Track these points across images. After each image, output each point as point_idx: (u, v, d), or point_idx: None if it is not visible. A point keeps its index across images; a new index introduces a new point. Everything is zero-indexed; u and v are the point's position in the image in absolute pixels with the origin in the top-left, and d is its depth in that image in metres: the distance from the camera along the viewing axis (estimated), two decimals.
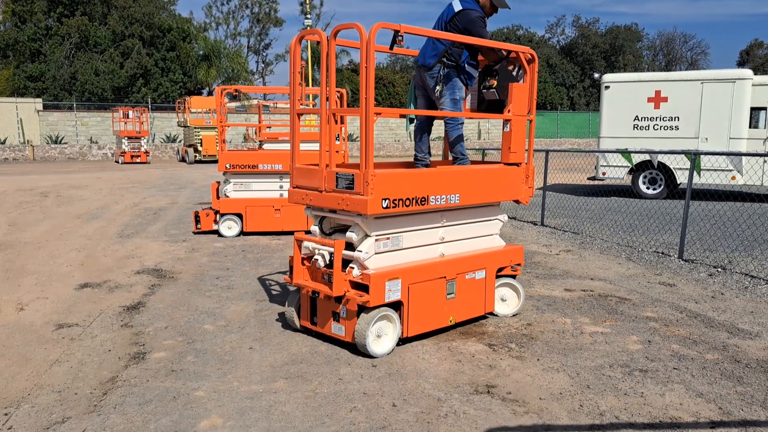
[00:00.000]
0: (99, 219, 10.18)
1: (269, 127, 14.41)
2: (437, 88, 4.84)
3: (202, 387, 3.60)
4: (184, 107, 26.30)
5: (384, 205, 3.93)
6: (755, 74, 12.96)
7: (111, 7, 39.54)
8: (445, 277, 4.41)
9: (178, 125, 28.91)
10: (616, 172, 13.43)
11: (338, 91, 9.50)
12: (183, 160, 26.95)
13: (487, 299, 4.77)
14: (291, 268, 4.45)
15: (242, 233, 8.59)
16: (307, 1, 33.86)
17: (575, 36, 59.82)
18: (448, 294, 4.44)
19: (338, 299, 4.12)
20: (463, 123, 5.03)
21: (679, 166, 12.52)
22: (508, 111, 4.70)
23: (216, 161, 21.15)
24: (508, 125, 4.71)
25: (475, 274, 4.64)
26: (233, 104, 25.16)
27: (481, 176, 4.64)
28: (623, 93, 13.44)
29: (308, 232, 4.47)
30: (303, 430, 3.10)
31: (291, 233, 8.65)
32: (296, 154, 4.52)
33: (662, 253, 7.44)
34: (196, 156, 25.46)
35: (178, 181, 17.20)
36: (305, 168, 4.39)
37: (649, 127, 13.20)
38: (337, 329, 4.19)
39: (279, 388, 3.60)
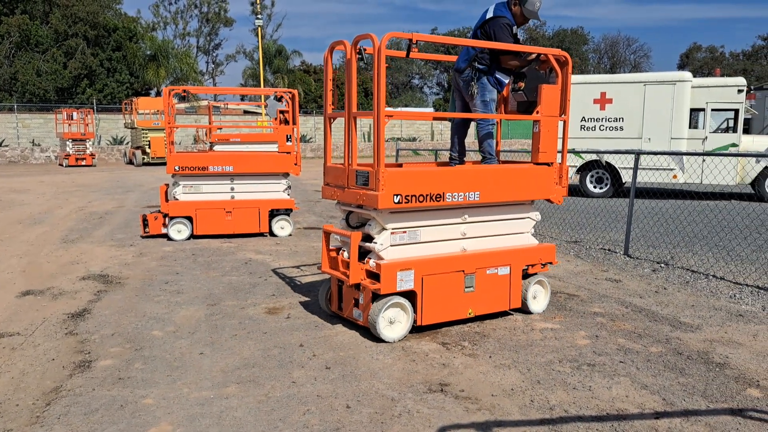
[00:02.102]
0: (42, 224, 9.81)
1: (220, 129, 14.19)
2: (469, 90, 5.05)
3: (150, 394, 3.51)
4: (131, 108, 25.64)
5: (396, 201, 4.20)
6: (694, 77, 13.49)
7: (53, 5, 38.20)
8: (463, 271, 4.61)
9: (125, 127, 28.15)
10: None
11: (290, 92, 9.44)
12: (131, 162, 26.26)
13: (512, 295, 4.90)
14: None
15: (192, 236, 8.42)
16: (258, 1, 33.49)
17: (523, 39, 60.96)
18: (466, 287, 4.63)
19: (357, 287, 4.50)
20: (494, 124, 5.24)
21: (624, 165, 12.91)
22: (537, 112, 4.81)
23: (165, 163, 20.72)
24: (538, 126, 4.82)
25: (498, 269, 4.80)
26: (182, 105, 24.70)
27: (504, 175, 4.78)
28: (573, 94, 13.76)
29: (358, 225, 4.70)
30: None
31: (242, 236, 8.55)
32: (328, 154, 4.83)
33: (609, 249, 7.66)
34: (144, 158, 24.86)
35: (126, 184, 16.75)
36: (334, 167, 4.70)
37: (595, 127, 13.57)
38: (357, 314, 4.56)
39: (231, 393, 3.55)
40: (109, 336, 4.51)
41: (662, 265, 6.82)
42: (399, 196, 4.22)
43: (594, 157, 13.38)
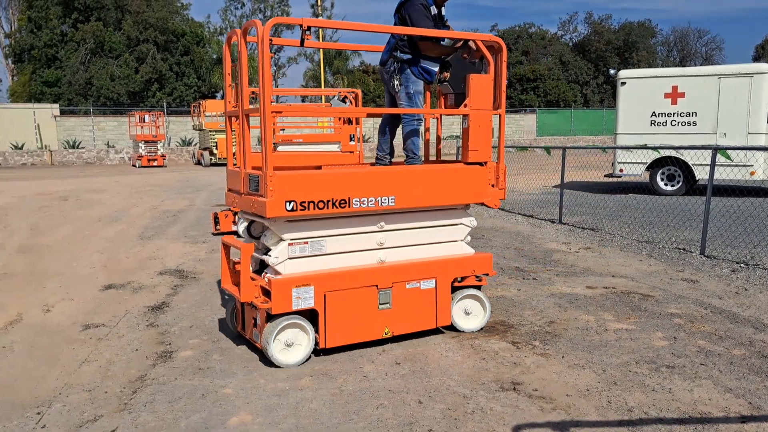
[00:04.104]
0: (119, 222, 10.28)
1: (282, 129, 14.48)
2: (392, 83, 4.58)
3: (229, 385, 3.63)
4: (199, 111, 26.48)
5: (289, 208, 3.70)
6: None
7: (125, 12, 39.92)
8: (376, 286, 4.09)
9: (194, 129, 29.12)
10: (634, 168, 13.34)
11: (353, 92, 9.54)
12: (199, 163, 27.15)
13: (440, 312, 4.36)
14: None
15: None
16: (319, 3, 34.00)
17: (588, 33, 59.47)
18: (381, 304, 4.12)
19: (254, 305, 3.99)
20: (420, 119, 4.69)
21: (699, 161, 12.40)
22: (465, 105, 4.31)
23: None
24: (467, 121, 4.34)
25: (420, 283, 4.25)
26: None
27: (425, 177, 4.20)
28: (640, 89, 13.34)
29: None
30: (331, 427, 3.12)
31: None
32: (229, 157, 4.43)
33: (683, 249, 7.38)
34: (211, 159, 25.63)
35: (195, 184, 17.33)
36: (233, 170, 4.22)
37: (666, 123, 13.09)
38: (255, 335, 4.05)
39: (305, 385, 3.62)
40: (188, 328, 4.69)
41: (742, 265, 6.52)
42: (293, 203, 3.71)
43: (664, 153, 12.91)
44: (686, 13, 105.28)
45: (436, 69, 4.62)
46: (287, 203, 3.71)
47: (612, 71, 15.48)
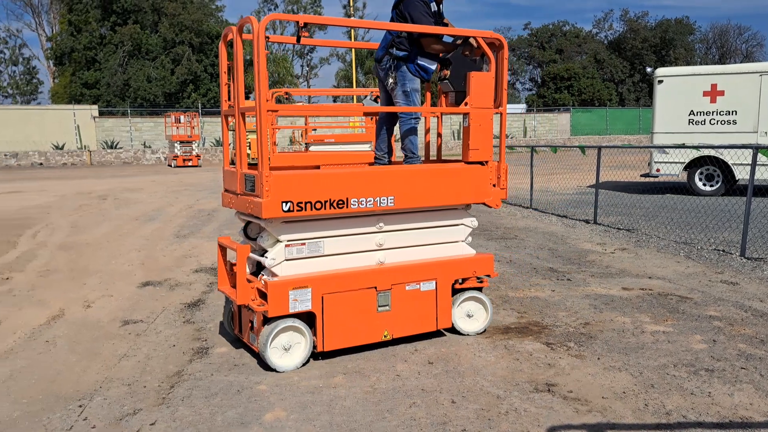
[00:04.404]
0: (156, 220, 10.49)
1: (314, 130, 14.60)
2: (388, 81, 4.49)
3: (264, 381, 3.68)
4: None
5: (285, 209, 3.64)
6: None
7: (162, 15, 40.69)
8: (375, 288, 4.03)
9: (229, 129, 29.50)
10: (671, 168, 13.07)
11: None
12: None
13: (440, 314, 4.29)
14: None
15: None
16: (351, 3, 34.15)
17: (624, 30, 58.48)
18: (380, 306, 4.05)
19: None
20: (417, 118, 4.59)
21: (739, 161, 12.09)
22: (466, 104, 4.23)
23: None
24: (467, 119, 4.25)
25: (420, 285, 4.18)
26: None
27: (425, 177, 4.13)
28: (677, 87, 13.07)
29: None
30: (365, 425, 3.13)
31: None
32: (226, 157, 4.37)
33: (723, 251, 7.21)
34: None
35: None
36: (229, 170, 4.19)
37: (705, 121, 12.79)
38: (252, 339, 3.99)
39: (338, 383, 3.65)
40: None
41: None
42: (289, 204, 3.64)
43: (702, 153, 12.62)
44: (725, 10, 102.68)
45: (434, 67, 4.54)
46: (284, 204, 3.64)
47: (649, 69, 15.18)
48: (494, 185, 4.38)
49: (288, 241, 3.82)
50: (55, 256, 7.55)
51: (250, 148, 22.28)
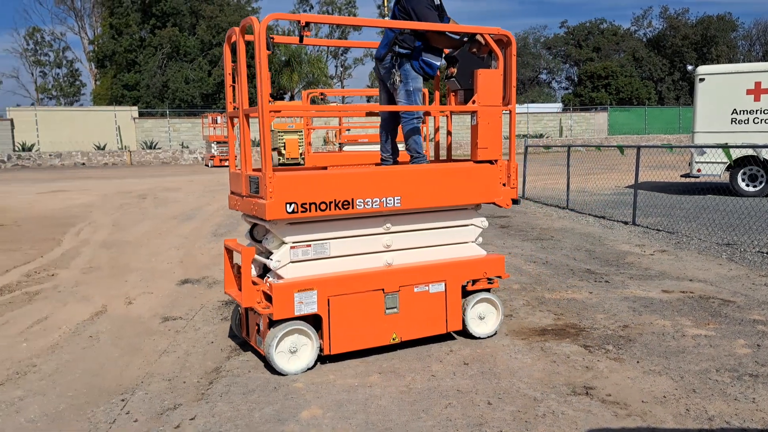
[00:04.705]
0: (193, 219, 10.69)
1: (348, 130, 14.68)
2: (391, 79, 4.41)
3: (300, 379, 3.72)
4: None
5: (290, 210, 3.60)
6: None
7: (199, 17, 41.42)
8: (382, 290, 3.96)
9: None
10: (713, 168, 12.73)
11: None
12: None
13: (450, 316, 4.21)
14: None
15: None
16: (385, 3, 34.20)
17: (663, 28, 57.25)
18: (387, 308, 3.98)
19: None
20: (419, 117, 4.50)
21: None
22: (473, 102, 4.15)
23: (298, 164, 21.69)
24: (475, 117, 4.17)
25: (429, 287, 4.11)
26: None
27: (432, 177, 4.06)
28: (720, 85, 12.73)
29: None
30: (400, 424, 3.14)
31: None
32: (232, 160, 4.36)
33: (767, 253, 7.00)
34: (279, 159, 26.22)
35: None
36: (235, 173, 4.16)
37: (748, 120, 12.43)
38: (258, 341, 3.95)
39: (374, 382, 3.67)
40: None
41: None
42: (293, 205, 3.60)
43: (746, 152, 12.26)
44: None
45: (438, 63, 4.48)
46: (287, 205, 3.60)
47: (690, 67, 14.84)
48: (504, 184, 4.30)
49: (293, 242, 3.78)
50: (97, 254, 7.76)
51: (285, 148, 22.41)
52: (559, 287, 5.75)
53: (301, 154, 23.50)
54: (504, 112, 4.28)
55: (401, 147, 4.72)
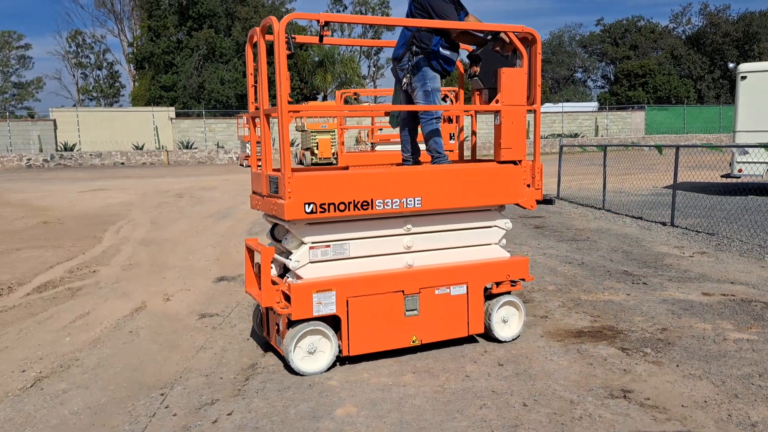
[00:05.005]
0: (229, 218, 10.84)
1: (380, 129, 14.70)
2: (408, 80, 4.37)
3: (334, 377, 3.75)
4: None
5: (308, 210, 3.59)
6: None
7: (235, 19, 41.97)
8: (402, 291, 3.92)
9: (296, 129, 30.12)
10: (755, 168, 12.39)
11: (453, 91, 9.49)
12: (300, 163, 28.02)
13: (472, 319, 4.15)
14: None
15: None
16: None
17: (703, 25, 55.91)
18: (407, 311, 3.94)
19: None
20: (439, 117, 4.47)
21: None
22: (497, 101, 4.08)
23: (331, 164, 21.82)
24: (499, 117, 4.10)
25: (450, 289, 4.05)
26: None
27: (454, 177, 4.00)
28: (762, 83, 12.38)
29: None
30: (434, 424, 3.14)
31: None
32: (253, 160, 4.40)
33: None
34: (312, 159, 26.41)
35: None
36: (257, 173, 4.20)
37: None
38: (278, 341, 3.95)
39: (408, 381, 3.67)
40: None
41: None
42: (312, 205, 3.59)
43: None
44: None
45: (456, 57, 4.46)
46: (306, 205, 3.59)
47: (731, 65, 14.48)
48: (528, 185, 4.23)
49: (312, 243, 3.76)
50: (136, 251, 7.93)
51: (317, 148, 22.62)
52: (596, 289, 5.67)
53: (334, 154, 23.63)
54: (528, 111, 4.22)
55: (422, 147, 4.72)
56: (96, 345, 4.44)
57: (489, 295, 4.30)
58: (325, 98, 42.27)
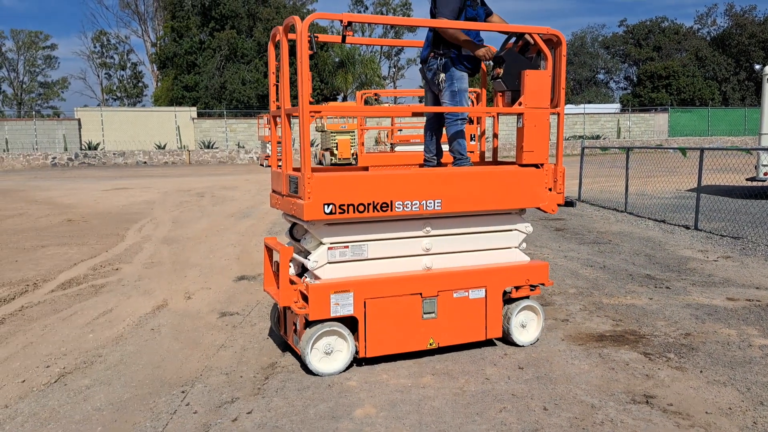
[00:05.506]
0: (249, 217, 10.92)
1: (400, 130, 14.69)
2: (436, 81, 4.37)
3: (353, 377, 3.75)
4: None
5: (327, 211, 3.58)
6: None
7: (256, 20, 42.26)
8: (420, 294, 3.90)
9: (316, 130, 30.23)
10: None
11: (475, 92, 9.44)
12: (320, 163, 28.13)
13: (490, 323, 4.12)
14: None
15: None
16: None
17: (728, 26, 55.04)
18: (425, 313, 3.93)
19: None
20: (464, 119, 4.40)
21: None
22: (520, 103, 4.05)
23: (350, 164, 21.85)
24: (521, 120, 4.07)
25: (468, 292, 4.02)
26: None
27: (475, 180, 3.96)
28: None
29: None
30: (454, 426, 3.13)
31: None
32: (274, 158, 4.39)
33: None
34: (332, 159, 26.48)
35: None
36: (277, 172, 4.19)
37: None
38: (295, 341, 3.97)
39: (427, 383, 3.66)
40: None
41: None
42: (331, 206, 3.58)
43: None
44: None
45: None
46: (325, 206, 3.58)
47: (757, 66, 14.23)
48: (550, 189, 4.17)
49: (331, 243, 3.76)
50: (158, 250, 8.02)
51: (337, 149, 22.72)
52: (618, 292, 5.61)
53: (353, 155, 23.66)
54: (551, 114, 4.17)
55: (445, 148, 4.69)
56: (119, 342, 4.49)
57: (508, 300, 4.26)
58: (345, 99, 42.37)
